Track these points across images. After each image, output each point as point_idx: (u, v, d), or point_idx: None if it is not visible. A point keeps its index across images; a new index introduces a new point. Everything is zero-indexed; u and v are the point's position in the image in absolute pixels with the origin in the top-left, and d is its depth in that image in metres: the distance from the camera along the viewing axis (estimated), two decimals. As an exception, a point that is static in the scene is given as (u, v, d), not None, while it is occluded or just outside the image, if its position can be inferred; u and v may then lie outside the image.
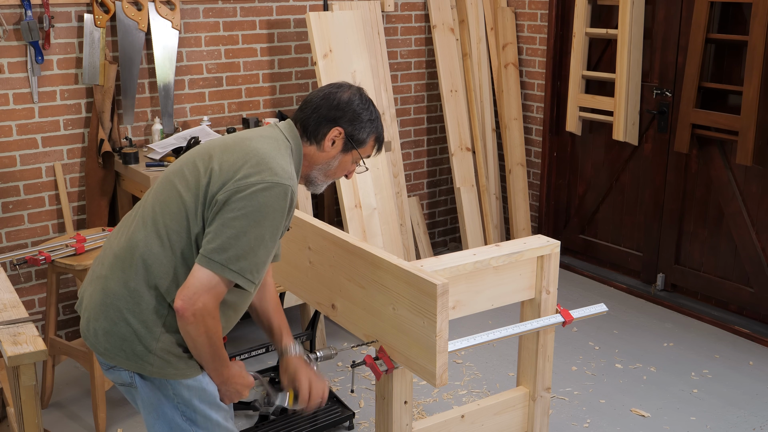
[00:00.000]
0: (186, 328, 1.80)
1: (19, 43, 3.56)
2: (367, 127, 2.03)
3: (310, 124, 2.00)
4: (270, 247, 1.84)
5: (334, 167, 2.05)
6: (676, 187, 4.34)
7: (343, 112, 2.00)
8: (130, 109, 3.88)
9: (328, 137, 2.00)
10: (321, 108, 2.00)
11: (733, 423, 3.28)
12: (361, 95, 2.04)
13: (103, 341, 1.89)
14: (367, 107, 2.03)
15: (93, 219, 3.85)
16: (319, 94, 2.03)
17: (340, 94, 2.02)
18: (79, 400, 3.44)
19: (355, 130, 2.01)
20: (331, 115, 1.99)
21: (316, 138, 2.00)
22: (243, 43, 4.19)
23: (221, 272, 1.78)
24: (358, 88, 2.07)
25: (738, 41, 3.87)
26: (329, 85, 2.07)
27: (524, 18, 4.92)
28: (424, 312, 1.97)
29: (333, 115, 1.99)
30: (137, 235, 1.89)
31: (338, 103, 2.00)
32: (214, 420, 1.96)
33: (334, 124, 2.00)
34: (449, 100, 4.76)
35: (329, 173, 2.06)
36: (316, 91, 2.06)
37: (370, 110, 2.04)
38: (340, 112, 2.00)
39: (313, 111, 2.01)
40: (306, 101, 2.04)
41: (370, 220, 4.03)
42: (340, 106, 2.00)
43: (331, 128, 1.99)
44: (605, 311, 2.49)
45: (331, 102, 2.00)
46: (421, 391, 3.51)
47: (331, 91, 2.03)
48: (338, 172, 2.07)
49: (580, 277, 4.85)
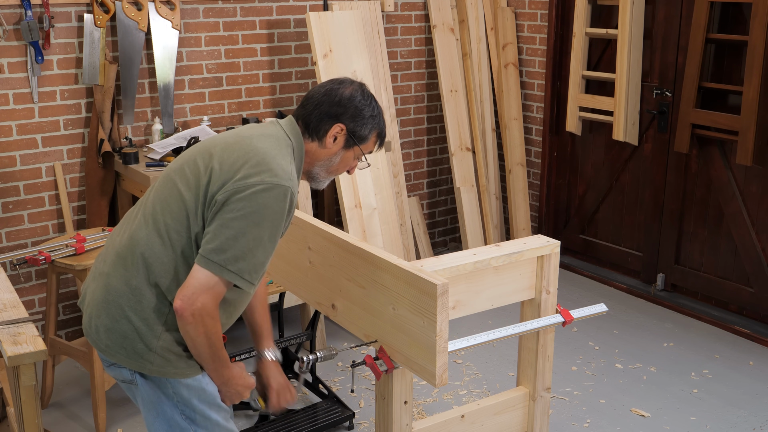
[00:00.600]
0: (185, 328, 1.81)
1: (19, 43, 3.56)
2: (369, 123, 2.02)
3: (312, 121, 1.99)
4: (269, 249, 1.84)
5: (336, 163, 2.05)
6: (676, 187, 4.34)
7: (344, 108, 1.99)
8: (130, 109, 3.88)
9: (329, 134, 1.99)
10: (322, 104, 1.99)
11: (733, 423, 3.28)
12: (363, 91, 2.03)
13: (104, 338, 1.90)
14: (368, 103, 2.02)
15: (93, 219, 3.85)
16: (321, 90, 2.02)
17: (341, 90, 2.01)
18: (79, 400, 3.44)
19: (356, 127, 2.00)
20: (333, 112, 1.98)
21: (318, 134, 1.99)
22: (243, 43, 4.19)
23: (219, 273, 1.78)
24: (360, 84, 2.06)
25: (738, 41, 3.87)
26: (330, 80, 2.06)
27: (524, 18, 4.92)
28: (424, 312, 1.97)
29: (335, 111, 1.98)
30: (139, 233, 1.89)
31: (340, 99, 1.99)
32: (214, 420, 1.96)
33: (335, 121, 1.99)
34: (449, 100, 4.76)
35: (331, 169, 2.06)
36: (317, 87, 2.05)
37: (372, 106, 2.03)
38: (342, 108, 1.99)
39: (314, 107, 2.00)
40: (307, 97, 2.03)
41: (370, 220, 4.03)
42: (341, 103, 1.99)
43: (332, 125, 1.99)
44: (605, 311, 2.49)
45: (332, 98, 1.99)
46: (421, 391, 3.51)
47: (332, 87, 2.02)
48: (340, 167, 2.07)
49: (580, 277, 4.85)
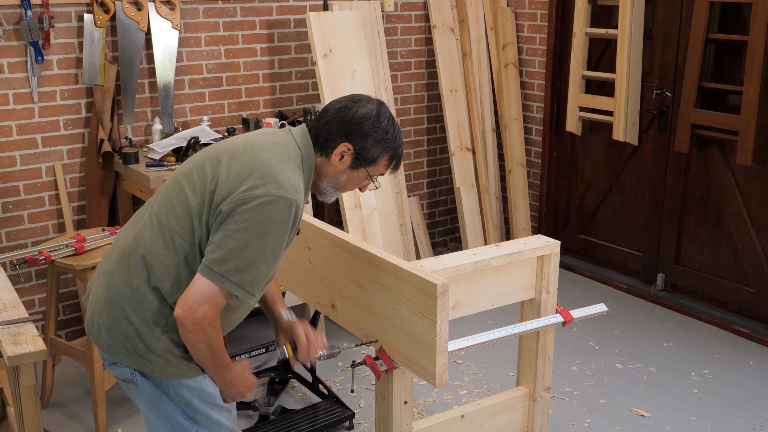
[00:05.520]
0: (186, 336, 1.81)
1: (19, 43, 3.56)
2: (380, 146, 1.97)
3: (321, 136, 1.96)
4: (272, 261, 1.83)
5: (343, 181, 2.01)
6: (676, 187, 4.34)
7: (354, 128, 1.94)
8: (130, 109, 3.88)
9: (336, 152, 1.95)
10: (334, 121, 1.95)
11: (733, 423, 3.28)
12: (379, 111, 1.97)
13: (105, 337, 1.90)
14: (381, 125, 1.96)
15: (93, 219, 3.85)
16: (336, 105, 1.98)
17: (356, 108, 1.95)
18: (79, 400, 3.44)
19: (364, 149, 1.95)
20: (343, 130, 1.94)
21: (326, 151, 1.96)
22: (243, 43, 4.19)
23: (221, 283, 1.78)
24: (379, 103, 1.99)
25: (738, 41, 3.87)
26: (349, 97, 2.01)
27: (524, 18, 4.92)
28: (424, 312, 1.97)
29: (344, 129, 1.94)
30: (144, 234, 1.89)
31: (351, 118, 1.94)
32: (215, 419, 1.96)
33: (344, 140, 1.94)
34: (449, 100, 4.76)
35: (338, 186, 2.02)
36: (335, 102, 2.00)
37: (386, 128, 1.97)
38: (352, 127, 1.94)
39: (326, 123, 1.96)
40: (324, 110, 1.99)
41: (370, 220, 4.03)
42: (352, 122, 1.94)
43: (340, 143, 1.95)
44: (605, 311, 2.49)
45: (344, 116, 1.95)
46: (421, 391, 3.51)
47: (347, 105, 1.97)
48: (348, 186, 2.03)
49: (580, 277, 4.85)
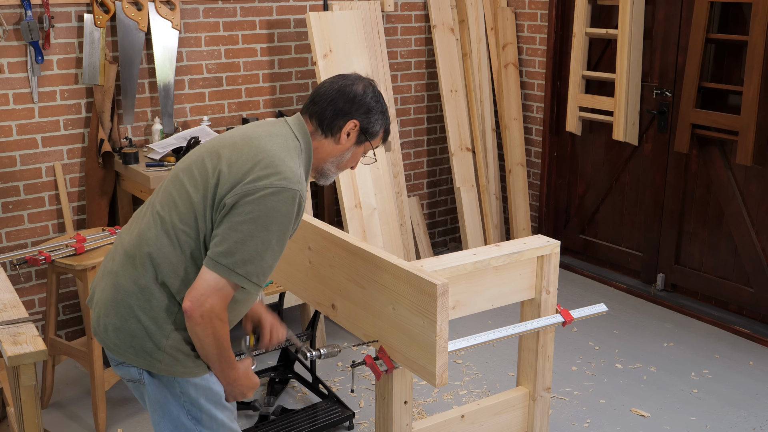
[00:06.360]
0: (194, 329, 1.82)
1: (19, 43, 3.56)
2: (380, 120, 2.08)
3: (327, 117, 2.02)
4: (277, 252, 1.85)
5: (346, 159, 2.08)
6: (676, 187, 4.34)
7: (358, 105, 2.03)
8: (130, 109, 3.88)
9: (344, 130, 2.02)
10: (337, 101, 2.02)
11: (733, 423, 3.28)
12: (373, 88, 2.08)
13: (113, 337, 1.91)
14: (378, 100, 2.08)
15: (93, 219, 3.85)
16: (333, 86, 2.05)
17: (355, 87, 2.04)
18: (79, 400, 3.44)
19: (369, 123, 2.05)
20: (347, 108, 2.02)
21: (332, 131, 2.02)
22: (243, 43, 4.19)
23: (228, 275, 1.79)
24: (370, 80, 2.10)
25: (738, 41, 3.87)
26: (340, 76, 2.09)
27: (524, 18, 4.92)
28: (424, 312, 1.97)
29: (348, 108, 2.02)
30: (148, 232, 1.90)
31: (354, 95, 2.03)
32: (219, 420, 1.96)
33: (350, 117, 2.02)
34: (449, 100, 4.76)
35: (341, 165, 2.09)
36: (327, 84, 2.07)
37: (381, 103, 2.09)
38: (356, 105, 2.03)
39: (328, 104, 2.02)
40: (319, 94, 2.05)
41: (370, 220, 4.03)
42: (355, 99, 2.03)
43: (347, 121, 2.02)
44: (605, 311, 2.50)
45: (346, 95, 2.03)
46: (421, 391, 3.51)
47: (345, 84, 2.05)
48: (348, 163, 2.11)
49: (580, 277, 4.85)
